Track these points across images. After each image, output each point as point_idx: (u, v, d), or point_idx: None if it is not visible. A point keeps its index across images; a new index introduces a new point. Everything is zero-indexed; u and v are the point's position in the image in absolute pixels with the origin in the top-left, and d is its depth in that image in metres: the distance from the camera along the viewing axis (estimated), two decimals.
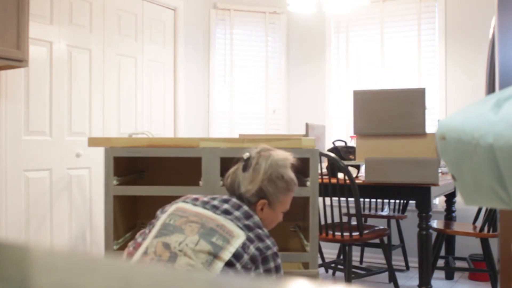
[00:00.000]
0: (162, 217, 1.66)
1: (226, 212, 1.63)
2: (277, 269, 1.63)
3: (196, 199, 1.69)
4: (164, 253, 1.54)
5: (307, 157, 2.12)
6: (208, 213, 1.63)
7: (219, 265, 1.52)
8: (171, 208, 1.68)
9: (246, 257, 1.55)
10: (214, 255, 1.52)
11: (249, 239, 1.57)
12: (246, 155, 1.76)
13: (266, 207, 1.74)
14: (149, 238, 1.62)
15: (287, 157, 1.78)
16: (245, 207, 1.66)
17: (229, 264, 1.52)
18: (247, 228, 1.60)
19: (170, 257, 1.53)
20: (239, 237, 1.57)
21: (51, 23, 3.39)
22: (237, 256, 1.53)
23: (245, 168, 1.74)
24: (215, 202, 1.67)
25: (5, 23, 2.69)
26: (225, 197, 1.70)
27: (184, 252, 1.53)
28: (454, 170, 0.78)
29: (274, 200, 1.74)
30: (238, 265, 1.53)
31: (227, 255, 1.52)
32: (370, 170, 3.06)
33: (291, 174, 1.78)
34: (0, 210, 3.05)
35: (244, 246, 1.55)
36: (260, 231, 1.62)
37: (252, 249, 1.56)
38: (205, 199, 1.69)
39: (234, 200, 1.69)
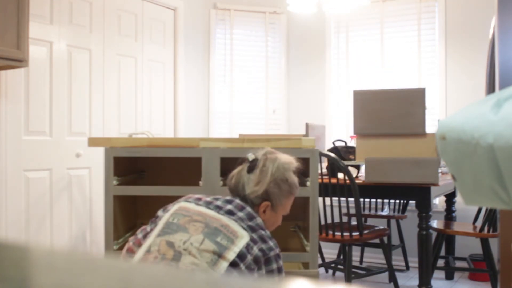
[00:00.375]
0: (165, 216, 1.66)
1: (230, 213, 1.64)
2: (279, 270, 1.64)
3: (199, 199, 1.69)
4: (168, 251, 1.54)
5: (307, 157, 2.12)
6: (212, 213, 1.63)
7: (224, 265, 1.52)
8: (173, 207, 1.68)
9: (249, 257, 1.56)
10: (219, 255, 1.53)
11: (252, 240, 1.59)
12: (251, 156, 1.76)
13: (269, 209, 1.76)
14: (151, 236, 1.62)
15: (292, 161, 1.81)
16: (248, 209, 1.67)
17: (233, 264, 1.53)
18: (251, 229, 1.61)
19: (174, 255, 1.53)
20: (243, 237, 1.58)
21: (51, 23, 3.39)
22: (241, 256, 1.54)
23: (250, 170, 1.75)
24: (218, 203, 1.67)
25: (5, 23, 2.69)
26: (228, 197, 1.71)
27: (188, 251, 1.53)
28: (454, 170, 0.78)
29: (277, 202, 1.76)
30: (242, 266, 1.54)
31: (231, 255, 1.53)
32: (370, 170, 3.06)
33: (294, 178, 1.80)
34: (0, 210, 3.05)
35: (248, 247, 1.56)
36: (263, 232, 1.63)
37: (255, 250, 1.57)
38: (208, 199, 1.69)
39: (237, 201, 1.69)
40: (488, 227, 3.25)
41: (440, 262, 4.24)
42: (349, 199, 3.61)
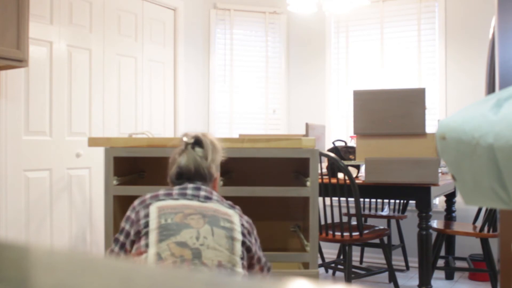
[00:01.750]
0: (152, 221, 1.57)
1: (207, 198, 1.64)
2: (257, 235, 1.76)
3: (170, 194, 1.64)
4: (184, 252, 1.50)
5: (307, 157, 2.12)
6: (194, 202, 1.61)
7: (238, 246, 1.56)
8: (151, 210, 1.60)
9: (245, 231, 1.62)
10: (232, 238, 1.56)
11: (239, 215, 1.65)
12: (189, 139, 1.72)
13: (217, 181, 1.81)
14: (152, 245, 1.53)
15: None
16: (215, 192, 1.68)
17: (242, 243, 1.58)
18: (232, 207, 1.66)
19: (193, 254, 1.50)
20: (234, 215, 1.62)
21: (51, 23, 3.38)
22: (242, 233, 1.60)
23: (197, 148, 1.72)
24: (190, 191, 1.64)
25: (5, 23, 2.69)
26: (192, 185, 1.66)
27: (206, 245, 1.52)
28: (454, 170, 0.78)
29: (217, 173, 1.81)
30: (246, 241, 1.60)
31: (238, 234, 1.58)
32: (370, 170, 3.06)
33: None
34: (0, 210, 3.05)
35: (241, 222, 1.62)
36: (237, 207, 1.69)
37: (245, 223, 1.64)
38: (177, 191, 1.65)
39: (203, 186, 1.67)
40: (488, 227, 3.25)
41: (440, 262, 4.24)
42: (349, 199, 3.61)
